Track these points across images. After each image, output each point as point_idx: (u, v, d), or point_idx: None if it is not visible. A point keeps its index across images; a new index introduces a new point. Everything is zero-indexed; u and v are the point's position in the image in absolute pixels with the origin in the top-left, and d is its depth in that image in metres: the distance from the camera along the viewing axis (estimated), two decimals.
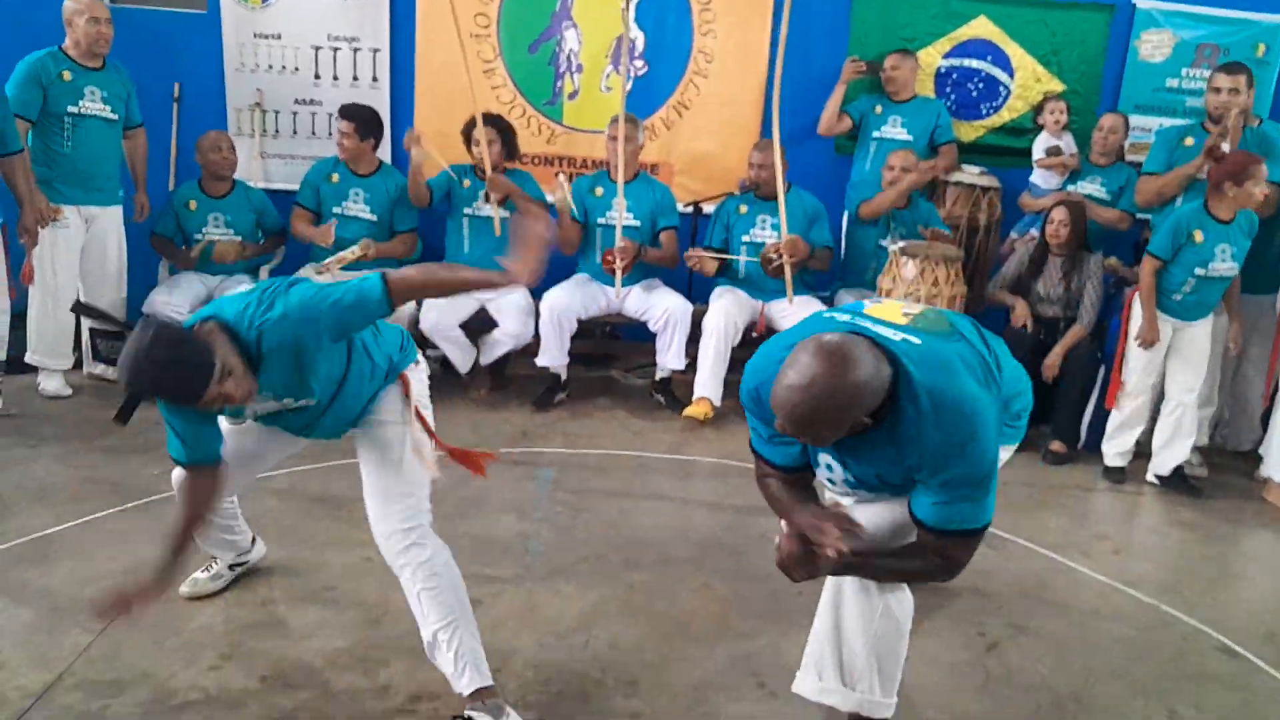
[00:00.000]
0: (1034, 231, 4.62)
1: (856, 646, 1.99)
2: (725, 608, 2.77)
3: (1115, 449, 4.09)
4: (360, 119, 4.47)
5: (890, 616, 1.98)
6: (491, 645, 2.47)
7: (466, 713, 2.11)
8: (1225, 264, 3.88)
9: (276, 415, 2.23)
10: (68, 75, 4.08)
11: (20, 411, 4.02)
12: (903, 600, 2.01)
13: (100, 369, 4.49)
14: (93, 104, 4.15)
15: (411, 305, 4.48)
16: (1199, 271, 3.87)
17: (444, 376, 4.83)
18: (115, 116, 4.24)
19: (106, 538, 2.96)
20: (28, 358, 4.23)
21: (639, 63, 5.00)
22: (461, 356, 4.49)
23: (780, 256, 4.34)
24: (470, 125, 4.52)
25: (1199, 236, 3.85)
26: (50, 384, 4.23)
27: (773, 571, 2.93)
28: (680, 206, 4.88)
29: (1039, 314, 4.41)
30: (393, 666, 2.38)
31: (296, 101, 5.06)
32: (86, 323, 4.45)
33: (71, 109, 4.09)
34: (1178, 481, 3.98)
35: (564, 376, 4.57)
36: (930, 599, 2.89)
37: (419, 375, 2.45)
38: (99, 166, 4.22)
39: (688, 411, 4.32)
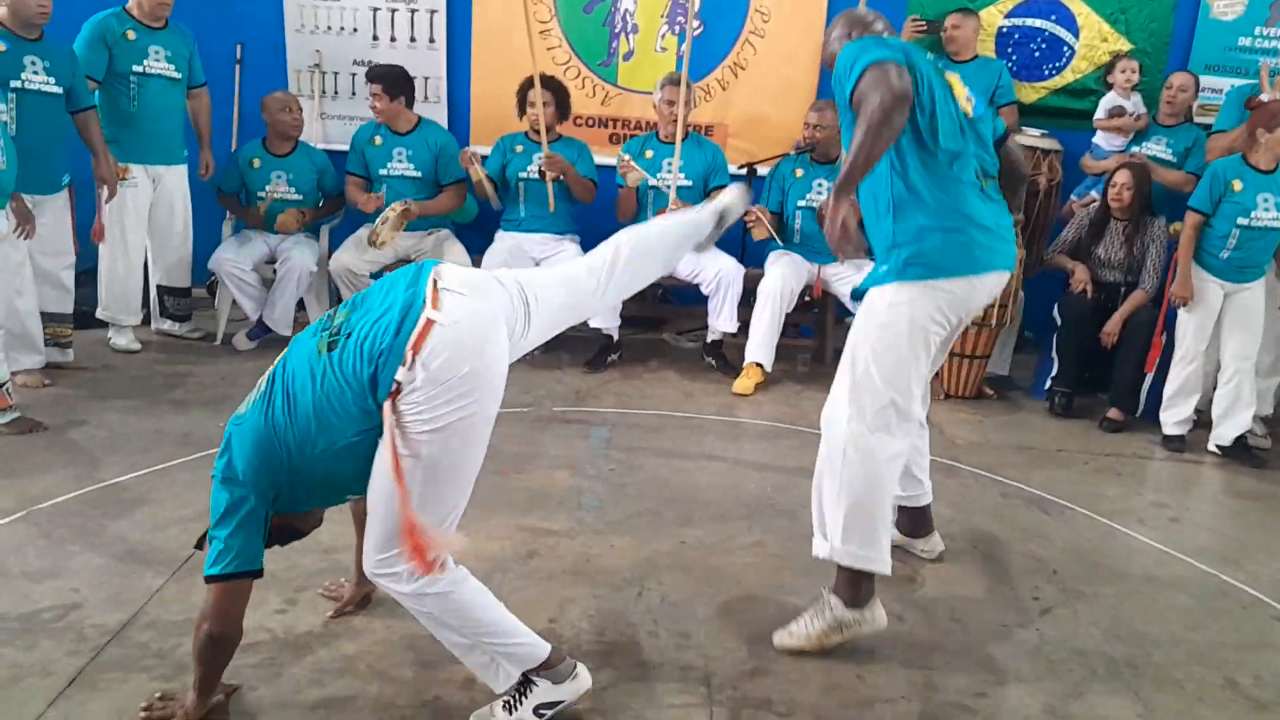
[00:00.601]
0: (1095, 194, 4.52)
1: (827, 496, 2.35)
2: (778, 565, 2.79)
3: (1173, 417, 4.02)
4: (387, 79, 4.48)
5: (851, 463, 2.29)
6: (548, 595, 2.54)
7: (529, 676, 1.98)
8: (1269, 213, 3.78)
9: None
10: (132, 35, 4.16)
11: (92, 365, 4.16)
12: (869, 454, 2.29)
13: (168, 325, 4.62)
14: (157, 63, 4.23)
15: (467, 258, 4.54)
16: (1241, 222, 3.79)
17: None
18: (179, 76, 4.33)
19: (176, 486, 3.06)
20: (99, 313, 4.36)
21: (695, 22, 4.95)
22: None
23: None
24: (526, 87, 4.53)
25: (1237, 185, 3.78)
26: (121, 339, 4.36)
27: None
28: (733, 168, 4.86)
29: (1099, 279, 4.33)
30: None
31: (355, 63, 5.12)
32: (155, 279, 4.58)
33: (136, 69, 4.18)
34: (1240, 452, 3.91)
35: (616, 338, 4.60)
36: (982, 562, 2.89)
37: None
38: (164, 125, 4.31)
39: (736, 387, 4.32)
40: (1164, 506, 3.44)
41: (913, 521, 2.89)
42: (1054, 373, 4.35)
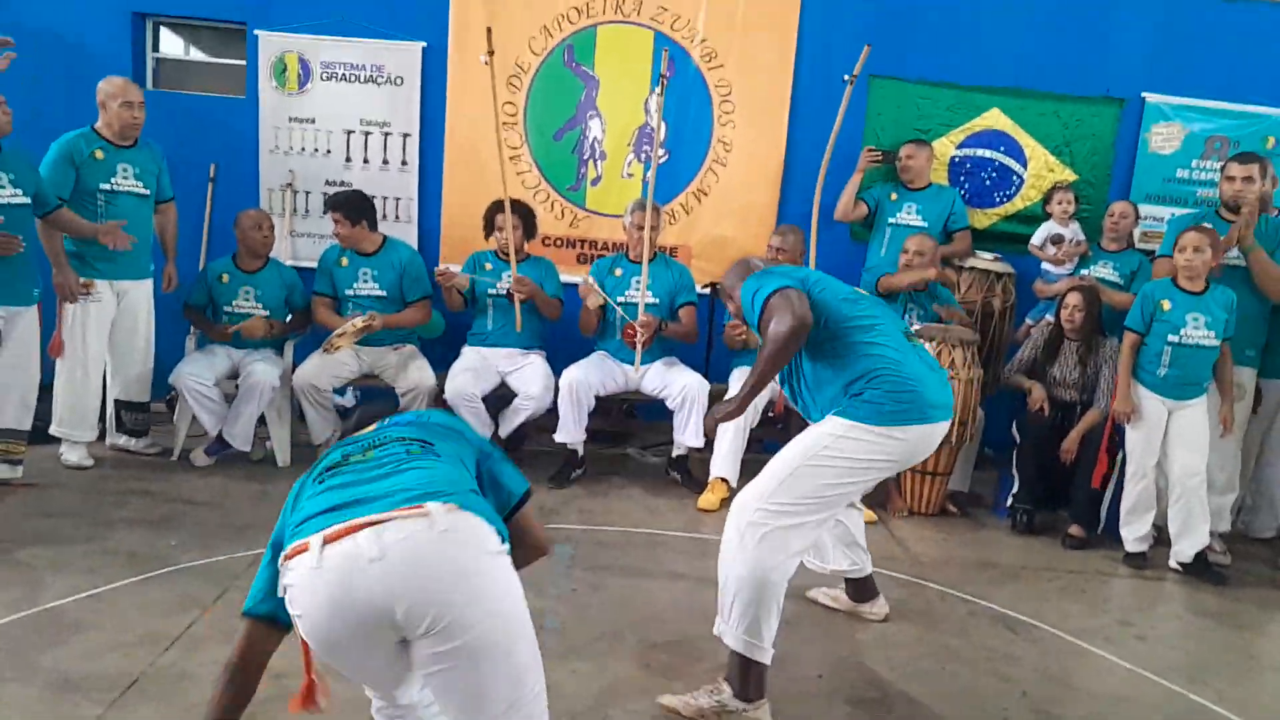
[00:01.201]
0: (1049, 317, 4.66)
1: (728, 579, 2.52)
2: None
3: (1132, 534, 4.05)
4: (345, 207, 4.54)
5: (747, 550, 2.47)
6: None
7: None
8: (1199, 332, 3.91)
9: None
10: (100, 154, 4.21)
11: (41, 481, 4.05)
12: (769, 548, 2.47)
13: (124, 440, 4.54)
14: (125, 181, 4.27)
15: (431, 374, 4.54)
16: (1172, 339, 3.93)
17: None
18: (147, 192, 4.37)
19: (118, 608, 2.95)
20: (52, 429, 4.28)
21: (660, 151, 5.14)
22: (481, 429, 4.52)
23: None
24: (494, 210, 4.64)
25: (1166, 305, 3.95)
26: (73, 455, 4.27)
27: (792, 653, 2.92)
28: (698, 288, 4.96)
29: (1055, 397, 4.41)
30: None
31: (327, 183, 5.23)
32: (113, 394, 4.51)
33: (104, 186, 4.22)
34: (1201, 568, 3.92)
35: (581, 453, 4.59)
36: (950, 681, 2.84)
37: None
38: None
39: (701, 503, 4.31)
40: (1129, 625, 3.42)
41: (858, 590, 3.23)
42: (1015, 489, 4.38)
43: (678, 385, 4.49)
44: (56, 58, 4.96)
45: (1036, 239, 5.00)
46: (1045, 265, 4.97)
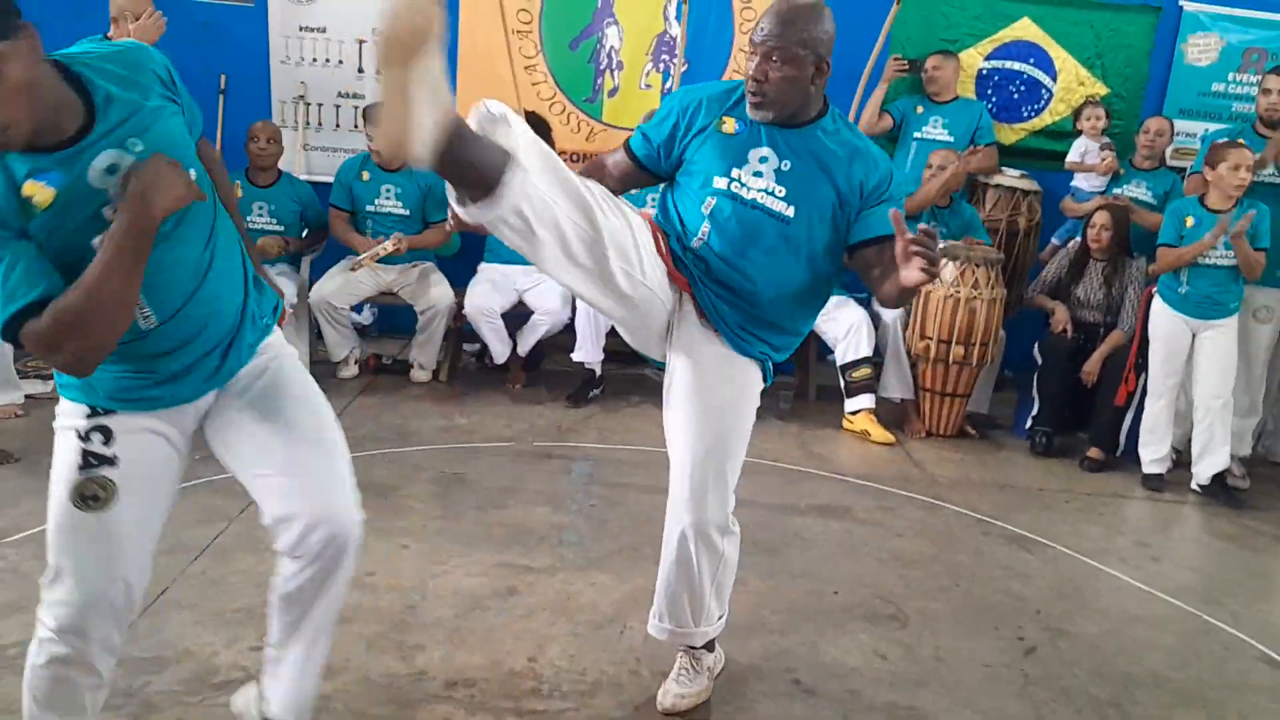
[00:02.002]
0: (1078, 238, 4.57)
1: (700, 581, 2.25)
2: (760, 603, 2.76)
3: (1150, 455, 4.04)
4: None
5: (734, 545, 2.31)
6: (527, 633, 2.50)
7: None
8: (1218, 251, 3.83)
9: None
10: None
11: None
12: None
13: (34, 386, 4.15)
14: None
15: (449, 291, 4.52)
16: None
17: (480, 369, 4.88)
18: None
19: None
20: None
21: (680, 60, 4.99)
22: (500, 345, 4.53)
23: None
24: None
25: (1189, 222, 3.88)
26: None
27: (809, 570, 2.95)
28: None
29: (1079, 319, 4.36)
30: (429, 652, 2.40)
31: (339, 95, 5.13)
32: None
33: None
34: (1219, 491, 3.92)
35: (599, 373, 4.58)
36: (965, 600, 2.87)
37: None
38: None
39: None
40: (1145, 546, 3.44)
41: None
42: (1035, 412, 4.36)
43: None
44: None
45: (1074, 154, 4.86)
46: (1076, 183, 4.85)
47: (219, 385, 1.72)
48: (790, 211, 1.99)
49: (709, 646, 2.32)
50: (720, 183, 2.01)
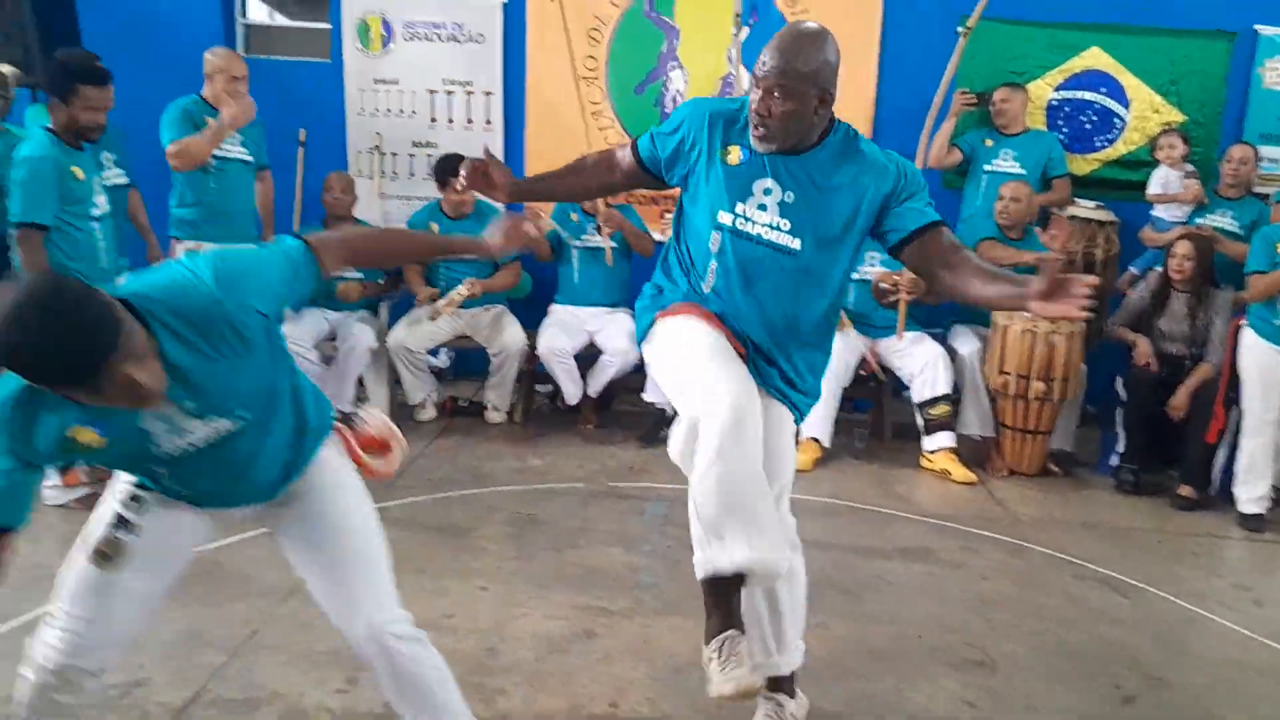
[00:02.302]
0: (1158, 268, 4.45)
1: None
2: (842, 647, 2.71)
3: (1248, 494, 3.88)
4: (457, 171, 4.55)
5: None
6: (607, 677, 2.49)
7: None
8: None
9: (186, 464, 1.66)
10: (209, 121, 4.30)
11: None
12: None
13: None
14: (233, 148, 4.35)
15: (521, 333, 4.58)
16: None
17: (552, 410, 4.91)
18: (251, 159, 4.45)
19: (239, 560, 3.04)
20: None
21: None
22: (572, 386, 4.57)
23: (896, 289, 4.27)
24: None
25: None
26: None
27: (891, 614, 2.89)
28: None
29: (1162, 351, 4.23)
30: (510, 695, 2.40)
31: (413, 144, 5.27)
32: None
33: (216, 152, 4.31)
34: None
35: (669, 413, 4.58)
36: (1057, 647, 2.78)
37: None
38: (238, 206, 4.42)
39: None
40: (1246, 589, 3.29)
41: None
42: (1120, 448, 4.23)
43: None
44: (151, 29, 5.07)
45: (1154, 186, 4.75)
46: (1156, 212, 4.74)
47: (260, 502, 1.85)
48: (796, 244, 2.00)
49: (791, 692, 2.28)
50: (725, 218, 2.03)
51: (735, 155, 2.03)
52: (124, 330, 1.38)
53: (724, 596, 1.88)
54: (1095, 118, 5.14)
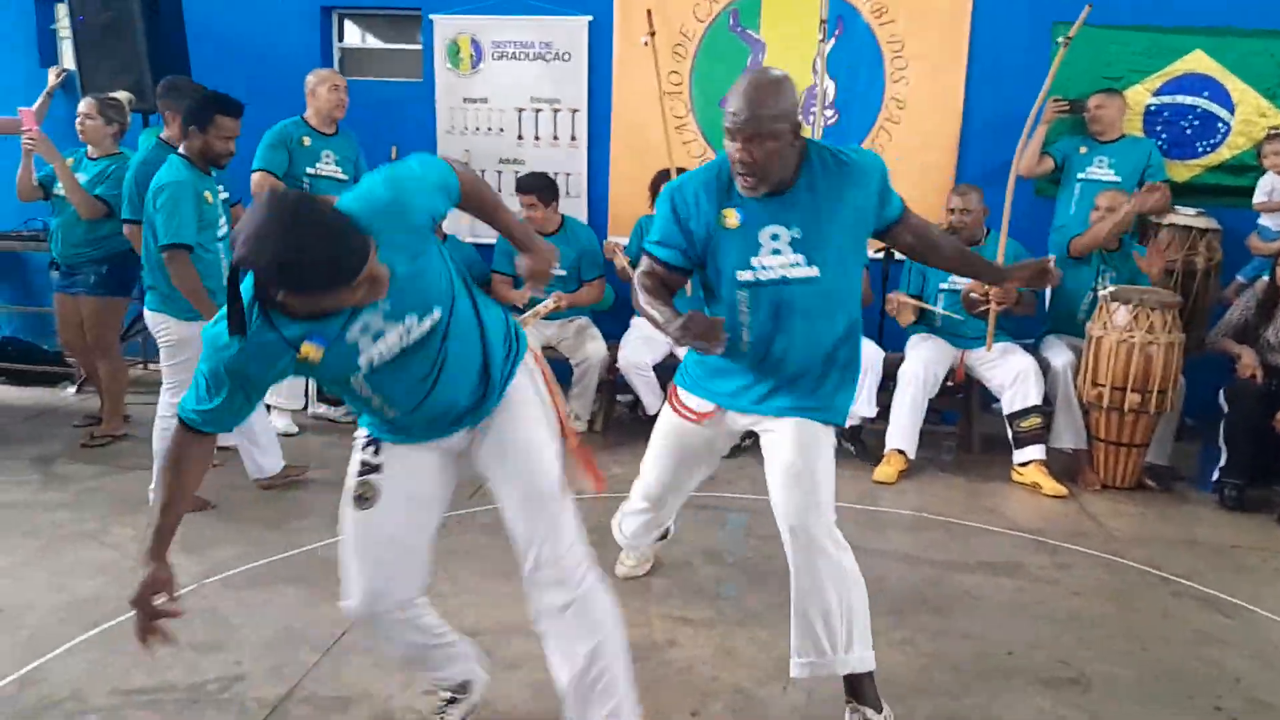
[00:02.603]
0: (1265, 277, 4.27)
1: (841, 602, 2.32)
2: (929, 664, 2.66)
3: None
4: (538, 189, 4.69)
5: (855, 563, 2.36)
6: (688, 685, 2.50)
7: None
8: None
9: (384, 372, 1.81)
10: (307, 141, 4.54)
11: None
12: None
13: (324, 409, 4.89)
14: (327, 166, 4.58)
15: (603, 345, 4.64)
16: None
17: (633, 420, 4.96)
18: (345, 178, 4.65)
19: (328, 565, 3.16)
20: (265, 398, 4.64)
21: (830, 112, 5.01)
22: (651, 397, 4.60)
23: (987, 298, 4.19)
24: (660, 179, 4.68)
25: None
26: (280, 422, 4.62)
27: (980, 630, 2.83)
28: (871, 252, 4.81)
29: (1268, 363, 4.05)
30: None
31: (500, 161, 5.39)
32: None
33: (309, 170, 4.53)
34: None
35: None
36: (1155, 667, 2.68)
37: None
38: None
39: (877, 475, 4.22)
40: None
41: None
42: (1223, 463, 4.06)
43: None
44: (252, 55, 5.31)
45: (1259, 194, 4.56)
46: (1263, 220, 4.55)
47: (470, 426, 2.01)
48: (816, 271, 2.20)
49: (877, 706, 2.26)
50: (745, 275, 2.22)
51: (733, 218, 2.21)
52: (364, 230, 1.55)
53: None
54: (1196, 122, 4.95)
